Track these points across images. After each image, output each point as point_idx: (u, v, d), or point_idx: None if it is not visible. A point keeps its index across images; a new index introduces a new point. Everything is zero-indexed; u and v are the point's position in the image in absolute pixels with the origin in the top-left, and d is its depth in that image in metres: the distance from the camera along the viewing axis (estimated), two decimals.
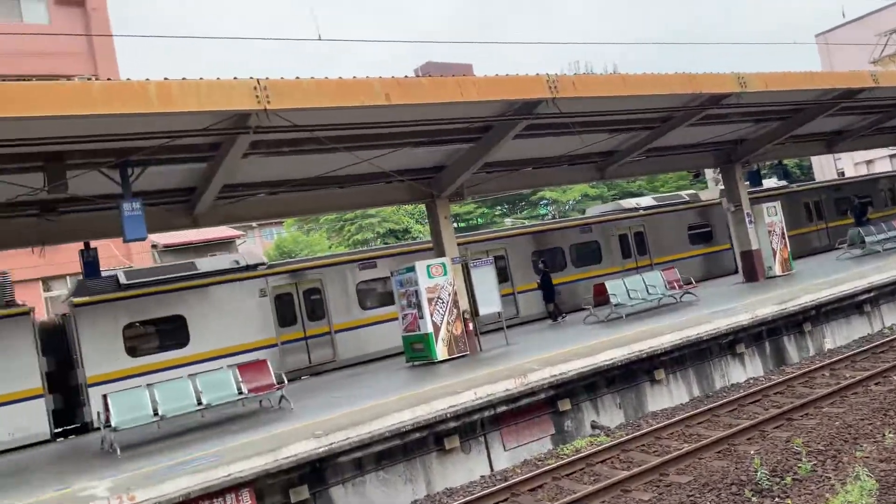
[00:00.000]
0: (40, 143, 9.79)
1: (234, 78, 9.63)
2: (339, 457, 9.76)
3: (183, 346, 16.73)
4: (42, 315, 20.37)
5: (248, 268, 18.13)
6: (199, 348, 16.81)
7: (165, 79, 9.26)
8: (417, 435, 10.46)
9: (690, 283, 19.21)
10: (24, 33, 24.56)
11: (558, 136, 15.81)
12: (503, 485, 9.85)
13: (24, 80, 23.35)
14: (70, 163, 10.53)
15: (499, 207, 58.87)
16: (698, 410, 11.89)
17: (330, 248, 46.04)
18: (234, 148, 10.97)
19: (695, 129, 17.97)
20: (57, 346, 16.10)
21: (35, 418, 14.79)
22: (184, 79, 9.33)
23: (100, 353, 15.73)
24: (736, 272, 22.83)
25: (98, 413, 12.21)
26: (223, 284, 17.49)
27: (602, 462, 10.34)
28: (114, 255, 23.01)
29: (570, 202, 58.43)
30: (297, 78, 10.07)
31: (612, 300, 17.83)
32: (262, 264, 18.60)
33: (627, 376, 12.99)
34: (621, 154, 18.70)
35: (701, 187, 41.85)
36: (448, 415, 10.69)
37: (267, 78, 9.76)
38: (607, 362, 12.54)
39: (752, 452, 9.28)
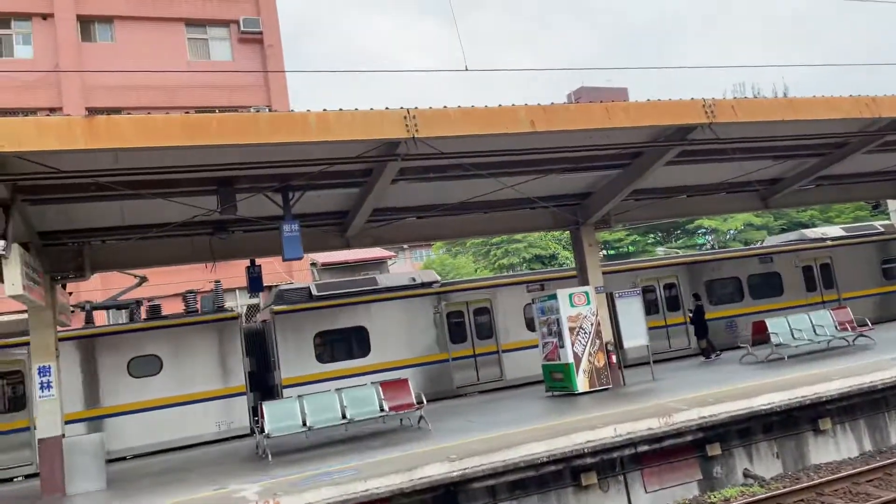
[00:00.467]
0: (215, 168, 10.79)
1: (386, 108, 10.08)
2: (473, 482, 9.74)
3: (365, 356, 17.92)
4: None
5: (423, 285, 19.08)
6: (379, 358, 17.98)
7: (324, 110, 9.88)
8: (552, 468, 10.21)
9: (865, 324, 17.38)
10: (211, 70, 27.31)
11: (716, 163, 15.02)
12: None
13: (208, 111, 25.91)
14: (239, 187, 11.51)
15: (651, 235, 56.79)
16: (869, 467, 10.69)
17: (476, 271, 46.58)
18: (384, 174, 11.46)
19: (873, 155, 16.37)
20: (257, 349, 17.91)
21: (239, 414, 16.45)
22: (340, 110, 9.91)
23: (294, 357, 17.22)
24: None
25: (255, 419, 13.08)
26: (400, 300, 18.49)
27: None
28: (277, 272, 24.72)
29: (732, 231, 55.15)
30: (445, 107, 10.36)
31: (773, 339, 16.52)
32: (437, 282, 19.43)
33: (787, 423, 11.93)
34: (787, 182, 17.41)
35: (883, 219, 37.93)
36: (585, 450, 10.35)
37: (416, 108, 10.13)
38: (764, 406, 11.60)
39: None
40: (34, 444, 14.04)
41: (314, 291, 18.10)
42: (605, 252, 53.60)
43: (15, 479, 14.83)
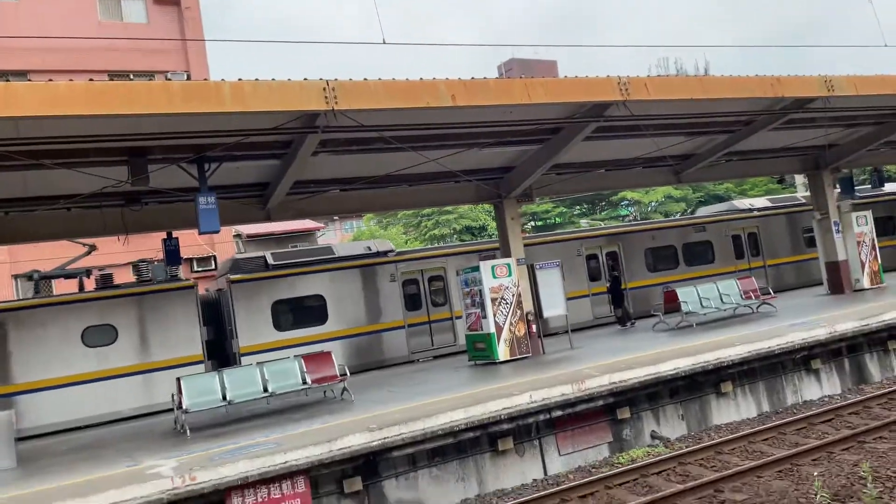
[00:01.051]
0: (125, 138, 10.43)
1: (304, 79, 9.94)
2: (393, 451, 9.96)
3: (322, 324, 18.10)
4: None
5: (378, 254, 19.24)
6: (336, 326, 18.27)
7: (239, 79, 9.67)
8: (471, 434, 10.54)
9: (769, 293, 18.43)
10: (124, 37, 26.05)
11: (632, 139, 15.50)
12: (554, 489, 9.80)
13: (122, 75, 24.78)
14: (151, 157, 11.16)
15: (577, 207, 58.04)
16: (764, 427, 11.44)
17: (406, 242, 46.62)
18: (303, 146, 11.33)
19: (779, 133, 17.23)
20: (213, 318, 17.80)
21: None
22: (256, 80, 9.72)
23: (251, 325, 17.30)
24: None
25: (172, 395, 12.88)
26: (358, 269, 18.66)
27: (657, 473, 10.12)
28: (197, 244, 24.10)
29: (653, 203, 56.97)
30: (365, 79, 10.30)
31: (683, 308, 17.34)
32: (392, 251, 19.62)
33: (692, 387, 12.64)
34: (699, 157, 18.14)
35: (790, 192, 40.01)
36: (503, 416, 10.71)
37: (335, 79, 10.03)
38: (671, 372, 12.24)
39: (815, 474, 8.87)
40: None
41: (270, 260, 18.19)
42: (532, 223, 54.55)
43: None
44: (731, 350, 12.94)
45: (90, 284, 17.44)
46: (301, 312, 18.09)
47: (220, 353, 17.93)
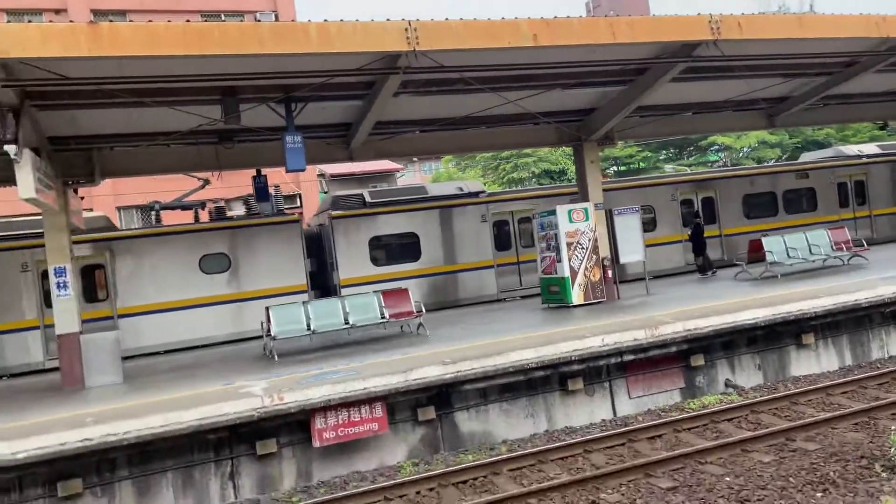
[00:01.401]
0: (218, 78, 10.90)
1: (387, 20, 10.07)
2: (465, 384, 10.37)
3: (416, 260, 18.80)
4: None
5: (470, 194, 19.64)
6: (429, 263, 18.88)
7: (325, 21, 9.90)
8: (541, 373, 10.82)
9: (861, 245, 17.63)
10: None
11: (722, 80, 14.90)
12: (622, 429, 10.02)
13: (214, 15, 25.49)
14: (243, 97, 11.64)
15: (664, 152, 56.19)
16: (845, 380, 11.23)
17: (485, 185, 46.59)
18: (385, 87, 11.54)
19: (883, 75, 16.14)
20: (315, 251, 18.81)
21: None
22: (341, 20, 9.92)
23: (350, 259, 18.18)
24: None
25: (261, 322, 13.72)
26: (450, 208, 19.14)
27: (728, 420, 10.16)
28: (285, 182, 24.99)
29: (745, 149, 54.47)
30: (447, 19, 10.33)
31: (768, 258, 16.83)
32: (483, 192, 19.99)
33: (771, 337, 12.44)
34: (795, 100, 17.27)
35: None
36: (573, 357, 10.91)
37: (417, 19, 10.11)
38: (748, 321, 12.06)
39: (892, 428, 8.72)
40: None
41: (368, 198, 18.90)
42: (615, 168, 53.32)
43: None
44: (814, 301, 12.59)
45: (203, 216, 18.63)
46: (396, 249, 18.84)
47: (322, 284, 18.96)
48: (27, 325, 15.77)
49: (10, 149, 9.35)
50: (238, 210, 19.61)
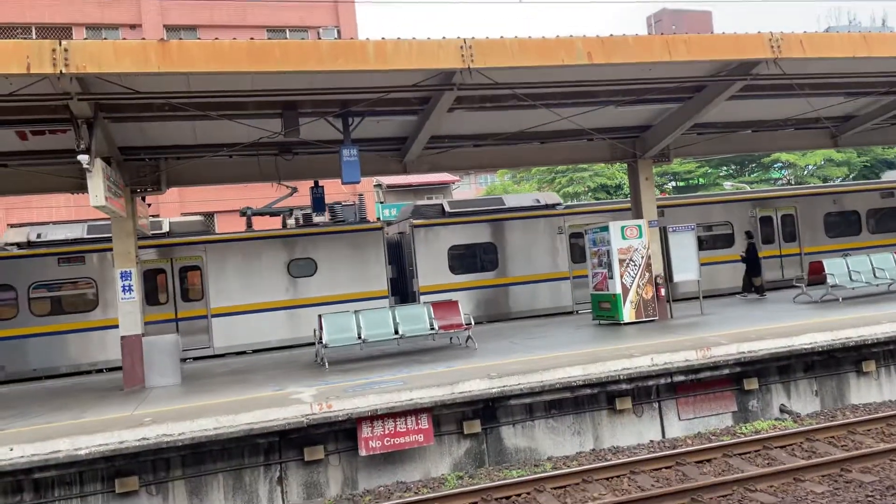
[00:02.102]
0: (279, 93, 11.30)
1: (443, 38, 10.26)
2: (511, 399, 10.39)
3: (493, 270, 19.23)
4: None
5: (547, 206, 20.02)
6: (506, 273, 19.27)
7: (383, 38, 10.16)
8: (588, 391, 10.74)
9: None
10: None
11: (782, 98, 14.59)
12: (670, 452, 9.86)
13: (279, 30, 26.24)
14: (302, 111, 12.02)
15: (724, 168, 54.97)
16: None
17: None
18: (440, 102, 11.73)
19: None
20: (394, 258, 19.47)
21: None
22: (398, 39, 10.16)
23: (430, 267, 18.72)
24: None
25: (314, 330, 14.03)
26: (527, 220, 19.52)
27: (782, 447, 9.89)
28: (341, 192, 25.47)
29: (810, 167, 52.83)
30: (501, 37, 10.46)
31: (829, 280, 16.33)
32: (560, 204, 20.34)
33: (829, 363, 12.06)
34: (860, 119, 16.75)
35: None
36: (622, 376, 10.82)
37: (472, 37, 10.27)
38: (806, 346, 11.72)
39: None
40: (210, 330, 16.99)
41: (447, 208, 19.43)
42: (673, 184, 52.43)
43: (188, 361, 16.72)
44: (876, 328, 12.15)
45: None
46: (474, 258, 19.23)
47: (402, 291, 19.50)
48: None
49: (83, 158, 9.88)
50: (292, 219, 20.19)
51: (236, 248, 17.44)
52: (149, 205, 16.05)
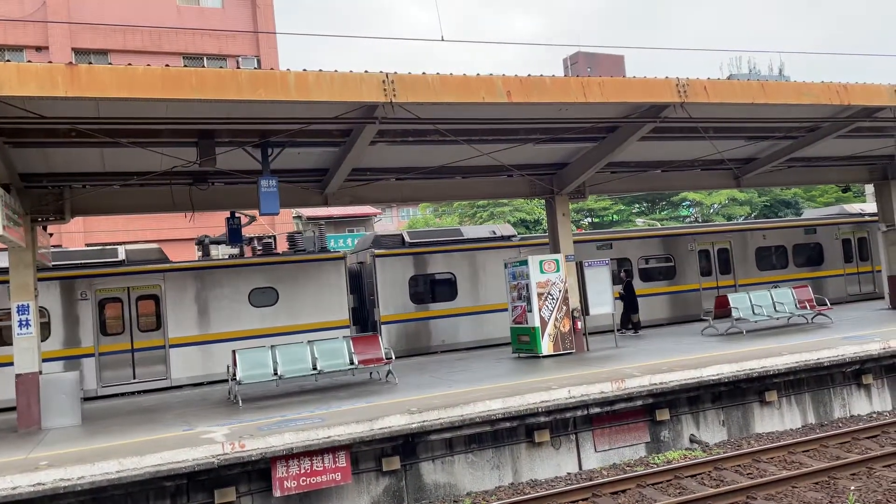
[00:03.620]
0: (195, 121, 11.01)
1: (365, 72, 10.29)
2: (431, 434, 10.29)
3: (452, 300, 19.51)
4: None
5: (503, 238, 20.41)
6: (465, 303, 19.54)
7: (304, 70, 10.09)
8: (508, 424, 10.78)
9: (825, 304, 18.03)
10: (195, 28, 27.05)
11: (689, 140, 15.38)
12: (587, 483, 9.98)
13: (196, 58, 25.76)
14: (219, 140, 11.74)
15: (636, 205, 57.26)
16: (806, 438, 11.32)
17: None
18: (362, 135, 11.72)
19: (846, 140, 16.78)
20: (356, 287, 19.28)
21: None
22: (320, 70, 10.12)
23: (391, 297, 18.80)
24: None
25: (227, 366, 13.54)
26: (484, 251, 19.76)
27: (692, 476, 10.18)
28: (259, 224, 24.96)
29: (716, 205, 55.76)
30: (423, 73, 10.59)
31: (734, 314, 17.13)
32: (514, 236, 20.72)
33: (735, 394, 12.58)
34: (760, 162, 17.83)
35: (860, 201, 38.63)
36: (540, 409, 10.92)
37: (395, 72, 10.35)
38: (713, 377, 12.20)
39: (851, 488, 8.82)
40: (168, 360, 16.60)
41: (407, 239, 19.54)
42: (588, 220, 54.11)
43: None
44: (777, 359, 12.78)
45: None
46: (434, 287, 19.38)
47: (362, 320, 19.40)
48: (83, 352, 16.12)
49: None
50: (214, 251, 19.68)
51: (196, 277, 17.03)
52: (50, 234, 15.19)
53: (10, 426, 12.54)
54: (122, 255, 17.25)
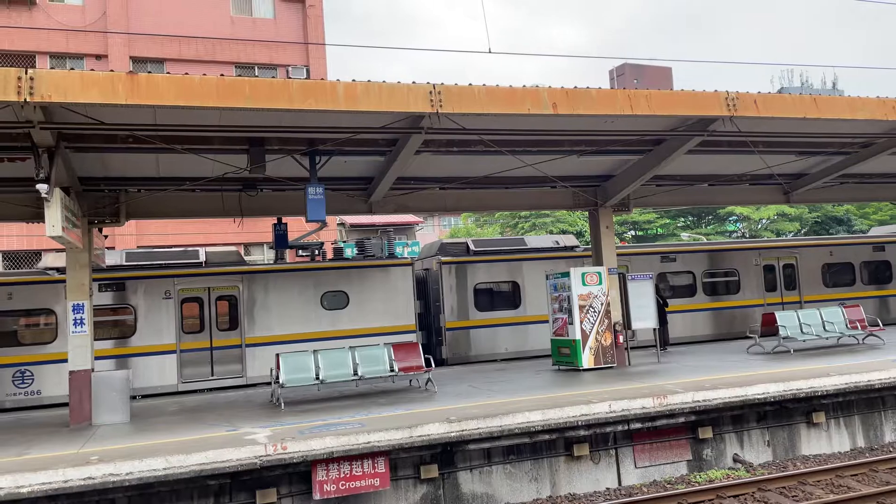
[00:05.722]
0: (247, 130, 11.30)
1: (413, 82, 10.44)
2: (469, 444, 10.33)
3: (516, 308, 19.73)
4: None
5: (565, 248, 20.68)
6: (528, 311, 19.71)
7: (353, 80, 10.29)
8: (546, 437, 10.75)
9: (877, 324, 17.49)
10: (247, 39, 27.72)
11: (738, 154, 15.14)
12: (626, 499, 9.90)
13: (248, 67, 26.42)
14: (269, 148, 12.02)
15: (681, 219, 56.39)
16: (854, 462, 11.02)
17: None
18: (408, 145, 11.87)
19: None
20: (422, 294, 19.73)
21: None
22: (368, 81, 10.30)
23: (456, 303, 19.22)
24: None
25: (271, 369, 13.80)
26: (547, 260, 19.93)
27: (735, 496, 10.02)
28: (303, 229, 25.37)
29: (764, 220, 54.57)
30: (470, 84, 10.69)
31: (781, 332, 16.74)
32: (577, 247, 20.90)
33: (781, 414, 12.31)
34: (811, 178, 17.43)
35: None
36: (580, 423, 10.85)
37: (441, 83, 10.48)
38: (759, 396, 11.96)
39: None
40: (244, 359, 17.13)
41: (472, 247, 19.91)
42: (633, 233, 53.50)
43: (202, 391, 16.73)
44: (826, 380, 12.45)
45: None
46: (498, 295, 19.69)
47: (426, 326, 19.74)
48: (165, 348, 16.83)
49: (42, 188, 9.70)
50: (257, 255, 20.14)
51: (272, 279, 17.58)
52: (105, 236, 15.72)
53: (62, 421, 12.99)
54: (202, 257, 17.90)
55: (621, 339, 15.79)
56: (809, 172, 17.36)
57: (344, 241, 25.91)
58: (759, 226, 54.21)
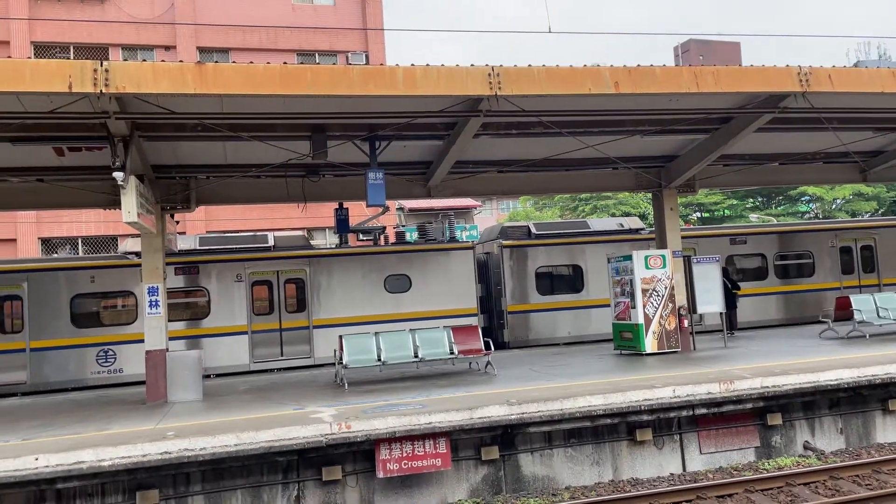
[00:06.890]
0: (309, 116, 11.52)
1: (471, 65, 10.41)
2: (530, 427, 10.33)
3: (578, 292, 19.69)
4: None
5: (630, 231, 20.43)
6: (592, 295, 19.64)
7: (412, 65, 10.33)
8: (608, 421, 10.66)
9: None
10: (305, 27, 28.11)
11: (810, 132, 14.55)
12: (691, 485, 9.74)
13: (309, 54, 26.82)
14: (330, 134, 12.23)
15: (750, 200, 54.56)
16: None
17: None
18: (466, 128, 11.87)
19: None
20: (483, 277, 19.99)
21: None
22: (427, 65, 10.33)
23: (517, 287, 19.27)
24: None
25: (335, 351, 14.12)
26: (612, 244, 19.79)
27: (805, 484, 9.74)
28: (363, 214, 25.73)
29: (838, 200, 52.29)
30: (529, 66, 10.59)
31: (857, 316, 16.09)
32: (643, 229, 20.60)
33: (855, 401, 11.86)
34: (890, 155, 16.62)
35: None
36: (643, 407, 10.71)
37: (500, 65, 10.41)
38: (832, 382, 11.55)
39: None
40: (312, 340, 17.63)
41: (533, 230, 19.92)
42: (698, 214, 52.11)
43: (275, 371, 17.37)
44: None
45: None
46: (560, 279, 19.67)
47: (487, 310, 19.89)
48: (238, 329, 17.46)
49: (118, 175, 10.14)
50: (319, 239, 20.53)
51: (338, 263, 18.03)
52: (177, 222, 16.35)
53: (139, 398, 13.63)
54: (271, 241, 18.42)
55: (686, 323, 15.47)
56: (888, 149, 16.54)
57: (403, 226, 26.17)
58: (834, 206, 51.99)
